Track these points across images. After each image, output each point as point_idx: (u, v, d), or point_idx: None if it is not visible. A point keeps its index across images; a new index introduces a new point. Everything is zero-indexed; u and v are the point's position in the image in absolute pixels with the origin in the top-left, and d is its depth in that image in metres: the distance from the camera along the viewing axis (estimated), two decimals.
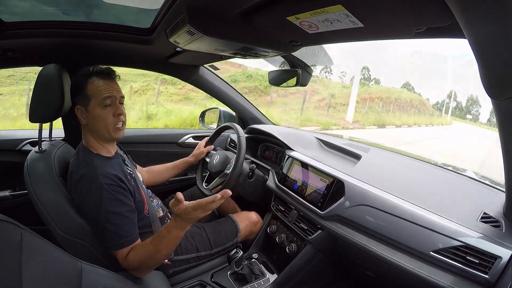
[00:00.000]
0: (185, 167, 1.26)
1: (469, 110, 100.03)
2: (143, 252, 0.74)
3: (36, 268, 0.43)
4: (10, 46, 0.93)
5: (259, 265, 1.11)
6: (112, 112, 0.82)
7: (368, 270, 0.89)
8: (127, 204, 0.79)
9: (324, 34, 0.67)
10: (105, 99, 0.80)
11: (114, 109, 0.82)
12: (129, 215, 0.78)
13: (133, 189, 0.84)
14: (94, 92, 0.80)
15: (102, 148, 0.85)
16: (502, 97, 0.42)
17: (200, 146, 1.30)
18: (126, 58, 1.23)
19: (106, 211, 0.74)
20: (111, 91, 0.82)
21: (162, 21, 0.82)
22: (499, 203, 0.75)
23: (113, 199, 0.75)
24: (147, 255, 0.73)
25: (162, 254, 0.74)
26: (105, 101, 0.80)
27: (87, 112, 0.81)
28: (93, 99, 0.80)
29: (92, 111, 0.80)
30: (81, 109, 0.82)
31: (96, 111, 0.80)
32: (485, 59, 0.38)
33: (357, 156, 1.11)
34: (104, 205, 0.74)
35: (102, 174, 0.76)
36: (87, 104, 0.81)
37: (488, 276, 0.61)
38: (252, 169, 1.22)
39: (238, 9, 0.64)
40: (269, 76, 1.31)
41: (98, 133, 0.83)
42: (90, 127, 0.83)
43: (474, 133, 25.46)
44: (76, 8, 0.97)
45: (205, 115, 1.80)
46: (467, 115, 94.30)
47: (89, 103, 0.80)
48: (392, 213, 0.78)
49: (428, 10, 0.47)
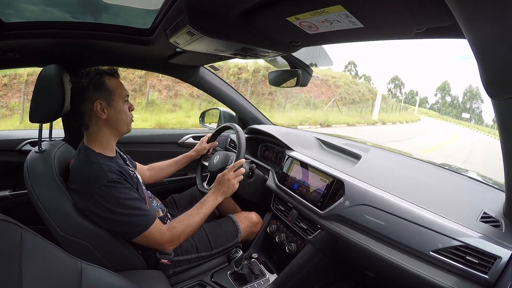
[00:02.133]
0: (186, 162, 1.28)
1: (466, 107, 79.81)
2: (182, 219, 0.89)
3: (36, 268, 0.43)
4: (10, 46, 0.93)
5: (259, 265, 1.11)
6: (128, 106, 0.90)
7: (368, 270, 0.89)
8: (136, 192, 0.84)
9: (324, 35, 0.67)
10: (125, 95, 0.88)
11: (129, 104, 0.91)
12: (141, 199, 0.84)
13: (136, 187, 0.85)
14: (116, 88, 0.86)
15: (105, 148, 0.85)
16: (502, 97, 0.42)
17: (202, 141, 1.31)
18: (126, 58, 1.23)
19: (124, 199, 0.77)
20: (125, 89, 0.89)
21: (162, 22, 0.83)
22: (499, 203, 0.75)
23: (126, 188, 0.79)
24: (186, 223, 0.88)
25: (196, 221, 0.90)
26: (125, 97, 0.88)
27: (109, 106, 0.84)
28: (117, 94, 0.85)
29: (116, 105, 0.85)
30: (103, 104, 0.83)
31: (120, 105, 0.86)
32: (485, 59, 0.38)
33: (357, 156, 1.11)
34: (120, 195, 0.77)
35: (109, 170, 0.78)
36: (111, 99, 0.84)
37: (488, 276, 0.61)
38: (252, 169, 1.23)
39: (238, 9, 0.64)
40: (269, 76, 1.31)
41: (119, 126, 0.87)
42: (112, 121, 0.85)
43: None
44: (76, 8, 0.97)
45: (205, 115, 1.80)
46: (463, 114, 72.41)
47: (113, 98, 0.84)
48: (392, 213, 0.78)
49: (428, 11, 0.47)
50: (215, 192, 0.99)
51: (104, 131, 0.86)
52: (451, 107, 78.89)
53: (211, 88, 1.52)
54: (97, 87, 0.83)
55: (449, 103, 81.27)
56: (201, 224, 0.93)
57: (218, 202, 0.98)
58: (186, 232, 0.88)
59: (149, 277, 0.83)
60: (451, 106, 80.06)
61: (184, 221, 0.88)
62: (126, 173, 0.83)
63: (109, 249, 0.80)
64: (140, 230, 0.79)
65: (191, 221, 0.89)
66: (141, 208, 0.80)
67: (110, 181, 0.76)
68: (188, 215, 0.91)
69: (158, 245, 0.84)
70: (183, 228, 0.87)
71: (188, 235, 0.90)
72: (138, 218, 0.79)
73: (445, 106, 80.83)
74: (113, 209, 0.76)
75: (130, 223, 0.78)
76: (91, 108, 0.82)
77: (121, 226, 0.78)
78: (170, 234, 0.84)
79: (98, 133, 0.85)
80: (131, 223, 0.78)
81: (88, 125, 0.84)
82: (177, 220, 0.89)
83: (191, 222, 0.89)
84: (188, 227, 0.88)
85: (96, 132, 0.85)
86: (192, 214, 0.91)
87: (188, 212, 0.92)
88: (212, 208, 0.96)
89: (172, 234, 0.84)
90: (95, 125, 0.84)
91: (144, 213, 0.80)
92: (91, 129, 0.84)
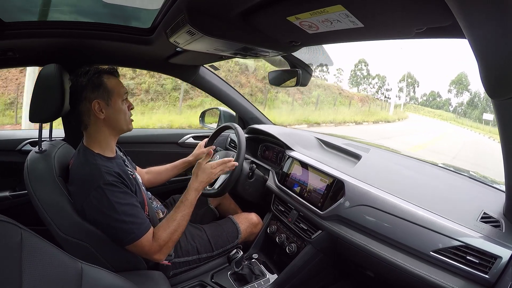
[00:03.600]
0: (185, 167, 1.26)
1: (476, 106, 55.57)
2: (166, 226, 0.83)
3: (36, 269, 0.43)
4: (10, 46, 0.93)
5: (259, 265, 1.11)
6: (127, 105, 0.88)
7: (368, 270, 0.89)
8: (134, 197, 0.82)
9: (324, 34, 0.67)
10: (125, 94, 0.87)
11: (128, 103, 0.89)
12: (138, 205, 0.81)
13: (135, 189, 0.84)
14: (114, 87, 0.84)
15: (104, 148, 0.84)
16: (502, 97, 0.42)
17: (200, 146, 1.30)
18: (126, 58, 1.23)
19: (119, 204, 0.75)
20: (125, 88, 0.88)
21: (162, 21, 0.82)
22: (499, 203, 0.75)
23: (122, 192, 0.77)
24: (171, 230, 0.83)
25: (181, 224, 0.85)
26: (124, 96, 0.87)
27: (108, 106, 0.83)
28: (115, 94, 0.84)
29: (115, 104, 0.84)
30: (102, 103, 0.82)
31: (118, 105, 0.85)
32: (485, 59, 0.38)
33: (357, 156, 1.11)
34: (116, 199, 0.75)
35: (107, 172, 0.77)
36: (109, 98, 0.83)
37: (488, 276, 0.61)
38: (252, 169, 1.22)
39: (238, 9, 0.64)
40: (269, 76, 1.31)
41: (117, 125, 0.86)
42: (110, 121, 0.84)
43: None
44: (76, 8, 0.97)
45: (205, 115, 1.80)
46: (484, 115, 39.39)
47: (111, 97, 0.83)
48: (392, 213, 0.78)
49: (428, 10, 0.47)
50: (193, 182, 0.92)
51: (103, 130, 0.84)
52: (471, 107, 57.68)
53: (211, 87, 1.52)
54: (95, 86, 0.82)
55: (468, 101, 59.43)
56: (187, 219, 0.87)
57: (199, 191, 0.91)
58: (173, 238, 0.83)
59: (150, 278, 0.83)
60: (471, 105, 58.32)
61: (169, 228, 0.83)
62: (125, 174, 0.82)
63: (109, 250, 0.80)
64: (131, 238, 0.76)
65: (175, 225, 0.84)
66: (136, 216, 0.78)
67: (107, 183, 0.74)
68: (172, 220, 0.84)
69: (147, 256, 0.80)
70: (169, 236, 0.82)
71: (176, 239, 0.85)
72: (132, 226, 0.76)
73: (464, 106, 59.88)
74: (107, 213, 0.74)
75: (122, 230, 0.75)
76: (89, 108, 0.81)
77: (114, 231, 0.76)
78: (156, 245, 0.80)
79: (97, 133, 0.84)
80: (124, 230, 0.75)
81: (87, 125, 0.83)
82: (161, 229, 0.83)
83: (175, 227, 0.83)
84: (175, 232, 0.83)
85: (95, 132, 0.83)
86: (175, 219, 0.85)
87: (170, 217, 0.85)
88: (194, 201, 0.90)
89: (159, 245, 0.80)
90: (94, 125, 0.83)
91: (138, 221, 0.77)
92: (90, 128, 0.83)
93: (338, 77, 49.01)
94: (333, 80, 45.87)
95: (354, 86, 53.72)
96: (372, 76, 54.68)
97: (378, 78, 55.19)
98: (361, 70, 53.58)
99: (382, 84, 55.18)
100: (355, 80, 53.89)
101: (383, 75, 55.62)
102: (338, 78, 49.07)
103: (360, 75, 53.71)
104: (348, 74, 55.24)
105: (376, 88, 55.04)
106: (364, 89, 54.43)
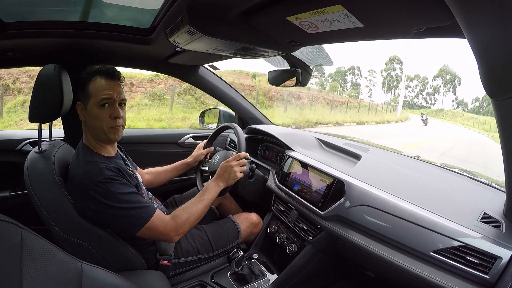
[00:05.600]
0: (184, 169, 1.26)
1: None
2: (186, 208, 0.87)
3: (36, 268, 0.43)
4: (10, 46, 0.93)
5: (259, 265, 1.11)
6: (109, 113, 0.81)
7: (368, 270, 0.89)
8: (134, 187, 0.82)
9: (324, 34, 0.67)
10: (102, 100, 0.80)
11: (112, 110, 0.81)
12: (140, 193, 0.83)
13: (136, 187, 0.84)
14: (94, 92, 0.80)
15: (102, 147, 0.85)
16: (502, 97, 0.42)
17: (199, 147, 1.30)
18: (126, 58, 1.23)
19: (121, 194, 0.76)
20: (111, 93, 0.81)
21: (162, 21, 0.82)
22: (499, 203, 0.75)
23: (122, 183, 0.78)
24: (189, 211, 0.87)
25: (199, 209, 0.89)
26: (102, 102, 0.80)
27: (85, 110, 0.82)
28: (92, 98, 0.80)
29: (90, 110, 0.81)
30: (81, 106, 0.83)
31: (94, 111, 0.80)
32: (485, 59, 0.38)
33: (357, 156, 1.11)
34: (117, 190, 0.76)
35: (106, 168, 0.77)
36: (87, 102, 0.81)
37: (488, 276, 0.61)
38: (252, 169, 1.22)
39: (238, 9, 0.64)
40: (269, 76, 1.30)
41: (94, 132, 0.84)
42: (88, 125, 0.84)
43: None
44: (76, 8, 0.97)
45: (205, 115, 1.80)
46: None
47: (88, 101, 0.81)
48: (392, 213, 0.78)
49: (428, 10, 0.47)
50: (216, 179, 0.97)
51: (88, 134, 0.84)
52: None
53: (211, 87, 1.52)
54: (80, 86, 0.82)
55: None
56: (204, 212, 0.91)
57: (220, 188, 0.96)
58: (190, 220, 0.86)
59: (150, 278, 0.83)
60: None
61: (188, 209, 0.87)
62: (125, 171, 0.82)
63: (109, 249, 0.80)
64: (141, 222, 0.77)
65: (194, 209, 0.88)
66: (140, 201, 0.79)
67: (106, 177, 0.75)
68: (191, 203, 0.89)
69: (163, 235, 0.82)
70: (187, 216, 0.85)
71: (192, 224, 0.88)
72: (139, 211, 0.77)
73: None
74: (112, 204, 0.74)
75: (130, 217, 0.76)
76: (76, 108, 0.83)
77: (122, 221, 0.77)
78: (174, 223, 0.82)
79: (88, 134, 0.85)
80: (132, 216, 0.76)
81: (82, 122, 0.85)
82: (180, 209, 0.87)
83: (194, 210, 0.87)
84: (192, 215, 0.86)
85: (86, 133, 0.85)
86: (195, 202, 0.89)
87: (191, 201, 0.90)
88: (214, 196, 0.94)
89: (176, 223, 0.83)
90: (83, 126, 0.85)
91: (144, 205, 0.79)
92: (83, 127, 0.85)
93: (370, 80, 42.43)
94: (365, 83, 39.42)
95: (389, 90, 45.05)
96: (410, 77, 44.41)
97: (417, 79, 45.30)
98: (394, 70, 44.45)
99: (423, 87, 44.72)
100: (391, 81, 45.30)
101: (423, 76, 44.56)
102: (371, 81, 42.53)
103: (393, 75, 44.44)
104: (379, 77, 44.37)
105: (416, 92, 46.19)
106: (398, 94, 44.17)
